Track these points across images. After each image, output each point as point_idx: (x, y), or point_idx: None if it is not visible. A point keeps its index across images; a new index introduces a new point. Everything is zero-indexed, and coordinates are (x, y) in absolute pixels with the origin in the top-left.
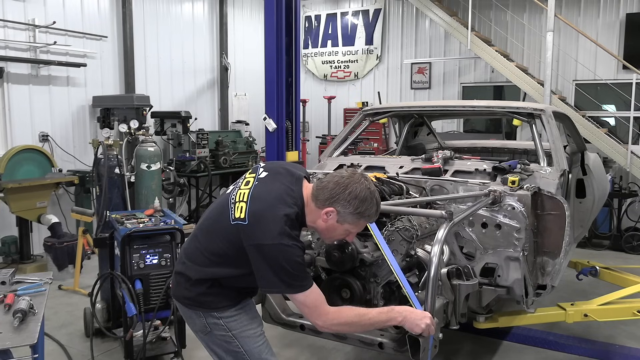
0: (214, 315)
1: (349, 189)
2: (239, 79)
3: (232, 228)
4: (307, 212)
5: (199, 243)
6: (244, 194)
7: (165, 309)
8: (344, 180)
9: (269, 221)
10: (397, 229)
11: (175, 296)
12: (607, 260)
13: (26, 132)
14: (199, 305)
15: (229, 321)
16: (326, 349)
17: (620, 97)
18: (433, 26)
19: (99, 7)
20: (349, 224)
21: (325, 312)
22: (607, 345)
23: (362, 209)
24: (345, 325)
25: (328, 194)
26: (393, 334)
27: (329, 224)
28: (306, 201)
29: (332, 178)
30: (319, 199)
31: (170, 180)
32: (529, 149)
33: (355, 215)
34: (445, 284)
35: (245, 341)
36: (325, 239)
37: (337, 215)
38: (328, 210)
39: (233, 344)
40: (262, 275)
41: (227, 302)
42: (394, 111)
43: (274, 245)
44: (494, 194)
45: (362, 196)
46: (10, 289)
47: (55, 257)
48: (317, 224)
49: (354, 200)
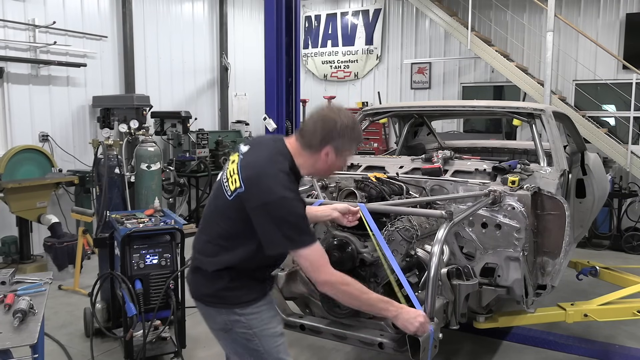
0: (235, 312)
1: (339, 123)
2: (239, 79)
3: (232, 202)
4: (300, 163)
5: (205, 235)
6: (233, 169)
7: (165, 309)
8: (328, 117)
9: (266, 180)
10: (397, 229)
11: (195, 296)
12: (607, 260)
13: (26, 132)
14: (221, 302)
15: (251, 318)
16: (326, 349)
17: (620, 97)
18: (433, 26)
19: (99, 7)
20: (346, 152)
21: (330, 271)
22: (607, 345)
23: (355, 134)
24: (346, 293)
25: (320, 135)
26: (393, 334)
27: (330, 161)
28: (294, 154)
29: (316, 120)
30: (313, 144)
31: (170, 180)
32: (529, 149)
33: (350, 143)
34: (445, 284)
35: (265, 340)
36: (325, 177)
37: (335, 150)
38: (326, 150)
39: (253, 342)
40: (268, 237)
41: (249, 296)
42: (394, 111)
43: (277, 200)
44: (494, 194)
45: (350, 124)
46: (10, 289)
47: (55, 257)
48: (317, 167)
49: (346, 130)
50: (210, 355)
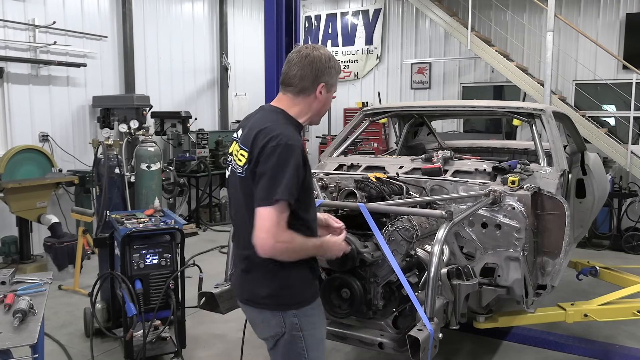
0: (292, 314)
1: (322, 58)
2: (239, 79)
3: (249, 174)
4: (296, 113)
5: (244, 225)
6: (236, 150)
7: (165, 309)
8: (312, 56)
9: (272, 131)
10: (397, 229)
11: (247, 300)
12: (607, 260)
13: (26, 132)
14: (278, 303)
15: (304, 321)
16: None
17: (620, 97)
18: (433, 26)
19: (99, 7)
20: (333, 87)
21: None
22: (607, 345)
23: (337, 64)
24: (291, 253)
25: (312, 75)
26: (393, 334)
27: (323, 98)
28: (287, 108)
29: (302, 65)
30: (306, 87)
31: (170, 180)
32: (529, 149)
33: (336, 74)
34: (445, 284)
35: (310, 343)
36: (318, 119)
37: (326, 85)
38: (320, 87)
39: (299, 345)
40: (265, 185)
41: (305, 291)
42: (394, 111)
43: (289, 145)
44: (494, 194)
45: (328, 56)
46: (10, 289)
47: (55, 257)
48: (314, 108)
49: (329, 62)
50: (210, 355)
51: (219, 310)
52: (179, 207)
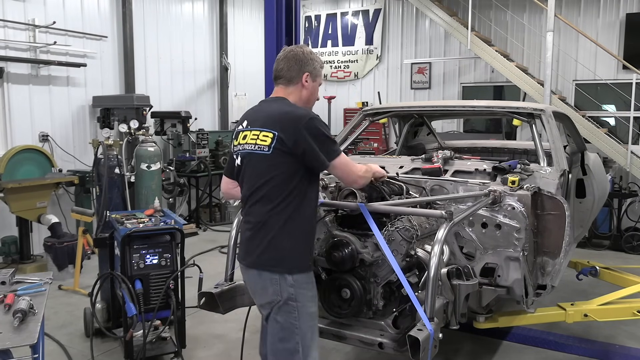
0: (289, 284)
1: (304, 52)
2: (239, 79)
3: (274, 153)
4: (294, 101)
5: (260, 196)
6: (254, 135)
7: (165, 309)
8: (294, 51)
9: (292, 112)
10: (397, 229)
11: (252, 263)
12: (607, 260)
13: (26, 132)
14: (279, 264)
15: (299, 292)
16: (326, 349)
17: (620, 97)
18: (433, 26)
19: (99, 7)
20: (318, 77)
21: (357, 167)
22: (607, 345)
23: (318, 58)
24: (367, 173)
25: (297, 66)
26: (393, 334)
27: (310, 87)
28: (286, 96)
29: (287, 59)
30: (293, 77)
31: (170, 180)
32: (529, 149)
33: (318, 67)
34: (445, 284)
35: (303, 315)
36: (311, 105)
37: (311, 75)
38: (304, 76)
39: (292, 315)
40: (314, 156)
41: (303, 258)
42: (394, 111)
43: (312, 118)
44: (494, 194)
45: (309, 51)
46: (10, 289)
47: (55, 257)
48: (305, 96)
49: (312, 56)
50: (210, 356)
51: (219, 310)
52: (179, 207)
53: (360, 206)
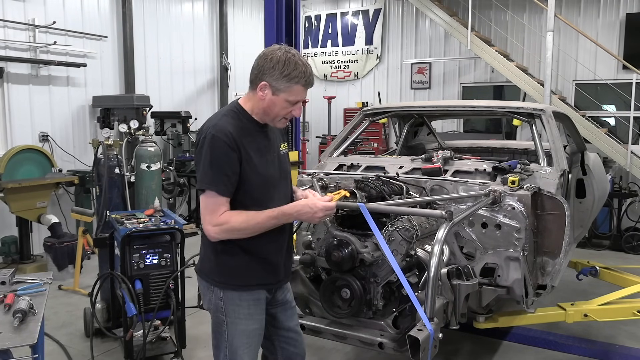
0: (218, 297)
1: (269, 57)
2: (239, 79)
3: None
4: (250, 108)
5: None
6: None
7: (165, 309)
8: (265, 54)
9: (208, 121)
10: (397, 229)
11: (196, 269)
12: (607, 260)
13: (26, 132)
14: (208, 277)
15: (229, 307)
16: (326, 349)
17: (620, 97)
18: (433, 26)
19: (99, 7)
20: (284, 93)
21: (214, 221)
22: (607, 345)
23: (288, 71)
24: (231, 231)
25: (256, 71)
26: (393, 334)
27: (267, 99)
28: (244, 102)
29: (256, 59)
30: (251, 82)
31: (170, 180)
32: (529, 149)
33: (284, 80)
34: (445, 284)
35: (232, 331)
36: (273, 122)
37: (270, 87)
38: (260, 85)
39: (222, 327)
40: (197, 175)
41: (238, 277)
42: (394, 111)
43: (206, 137)
44: (494, 194)
45: (283, 59)
46: (10, 289)
47: (55, 257)
48: (259, 106)
49: (277, 65)
50: (210, 356)
51: None
52: (179, 207)
53: (360, 206)
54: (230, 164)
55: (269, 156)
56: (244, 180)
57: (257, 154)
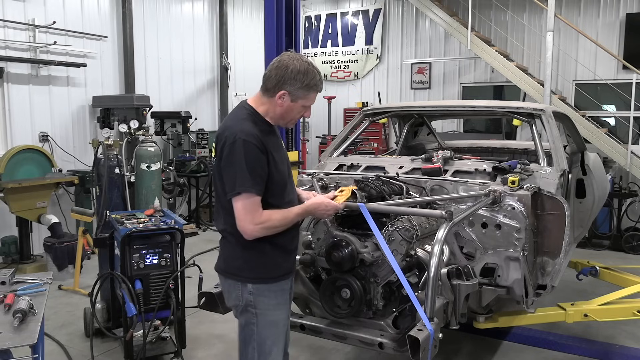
0: (248, 291)
1: (290, 67)
2: (239, 79)
3: (217, 167)
4: (263, 111)
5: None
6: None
7: (165, 309)
8: (282, 63)
9: (230, 128)
10: (397, 229)
11: (219, 268)
12: (607, 260)
13: (26, 132)
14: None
15: (258, 300)
16: (326, 349)
17: (620, 97)
18: (433, 26)
19: (99, 7)
20: (302, 100)
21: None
22: (607, 345)
23: (308, 81)
24: (273, 228)
25: (275, 80)
26: (393, 334)
27: (285, 106)
28: (256, 105)
29: (272, 66)
30: (268, 89)
31: (170, 180)
32: (529, 149)
33: (304, 89)
34: (445, 284)
35: (262, 322)
36: (286, 124)
37: (289, 95)
38: (280, 93)
39: (252, 321)
40: (227, 179)
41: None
42: (394, 111)
43: (236, 140)
44: (494, 194)
45: (303, 69)
46: (10, 289)
47: (55, 257)
48: (276, 112)
49: (299, 75)
50: (210, 355)
51: (219, 310)
52: (179, 207)
53: (360, 206)
54: (262, 166)
55: (282, 153)
56: (269, 179)
57: (277, 154)
